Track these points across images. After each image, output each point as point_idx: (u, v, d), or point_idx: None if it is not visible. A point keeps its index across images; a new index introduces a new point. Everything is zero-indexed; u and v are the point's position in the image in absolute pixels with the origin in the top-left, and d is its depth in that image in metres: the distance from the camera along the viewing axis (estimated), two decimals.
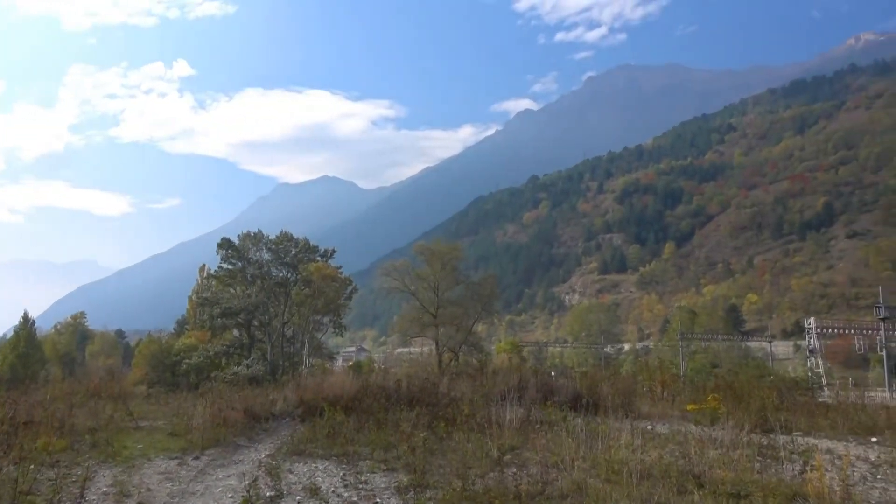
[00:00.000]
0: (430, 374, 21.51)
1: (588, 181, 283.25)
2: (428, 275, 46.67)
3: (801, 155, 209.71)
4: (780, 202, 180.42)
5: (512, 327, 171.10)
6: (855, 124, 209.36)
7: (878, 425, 14.24)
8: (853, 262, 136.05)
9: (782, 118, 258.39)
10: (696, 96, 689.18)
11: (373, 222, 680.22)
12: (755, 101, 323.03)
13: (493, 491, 7.76)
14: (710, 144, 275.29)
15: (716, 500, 7.28)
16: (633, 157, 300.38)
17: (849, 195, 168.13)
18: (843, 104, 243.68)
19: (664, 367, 28.70)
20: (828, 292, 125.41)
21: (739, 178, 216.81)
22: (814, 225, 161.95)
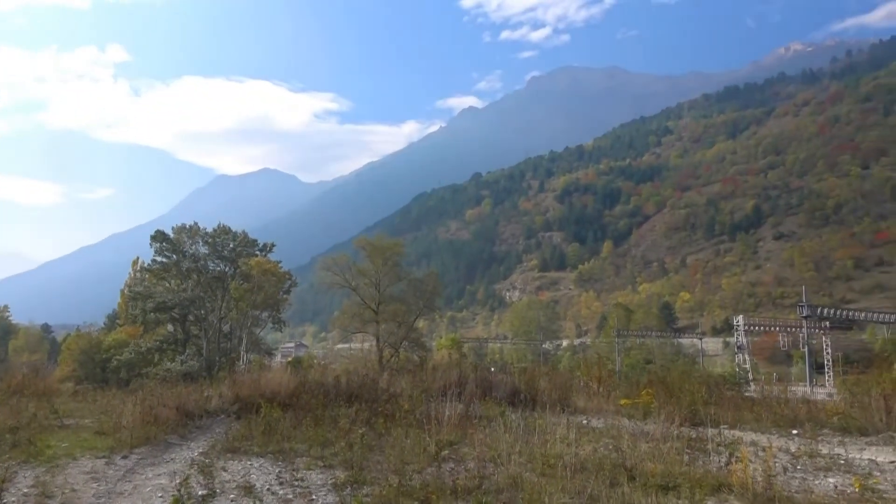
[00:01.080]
0: (370, 371, 21.40)
1: (530, 180, 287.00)
2: (369, 270, 46.42)
3: (732, 158, 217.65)
4: (712, 204, 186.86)
5: (453, 324, 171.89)
6: (783, 130, 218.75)
7: (798, 418, 14.89)
8: (779, 263, 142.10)
9: (716, 123, 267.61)
10: (635, 99, 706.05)
11: (314, 216, 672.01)
12: (691, 105, 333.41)
13: (431, 486, 7.79)
14: (647, 146, 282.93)
15: (645, 491, 7.48)
16: (574, 157, 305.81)
17: (776, 198, 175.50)
18: (772, 111, 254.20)
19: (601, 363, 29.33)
20: (755, 291, 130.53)
21: (675, 179, 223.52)
22: (743, 226, 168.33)
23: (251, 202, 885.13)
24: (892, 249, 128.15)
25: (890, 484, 8.68)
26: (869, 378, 15.75)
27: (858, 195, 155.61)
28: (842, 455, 10.96)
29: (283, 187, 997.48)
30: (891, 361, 24.13)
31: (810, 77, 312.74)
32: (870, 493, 7.92)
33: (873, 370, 16.36)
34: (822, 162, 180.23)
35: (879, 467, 10.10)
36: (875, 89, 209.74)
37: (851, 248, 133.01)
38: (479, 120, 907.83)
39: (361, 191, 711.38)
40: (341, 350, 73.91)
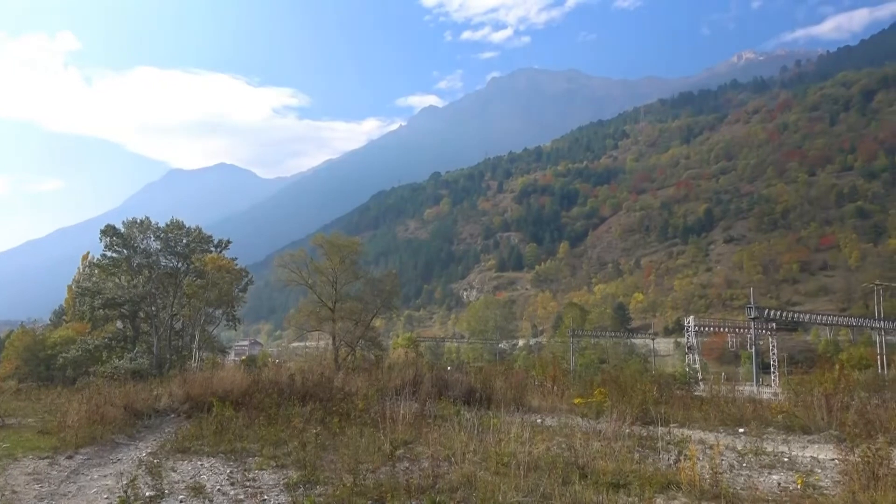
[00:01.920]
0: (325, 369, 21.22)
1: (489, 180, 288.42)
2: (327, 268, 45.97)
3: (686, 163, 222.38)
4: (666, 207, 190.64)
5: (410, 323, 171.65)
6: (734, 137, 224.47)
7: (745, 417, 15.33)
8: (729, 266, 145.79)
9: (671, 128, 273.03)
10: (593, 102, 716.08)
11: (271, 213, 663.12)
12: (647, 110, 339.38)
13: (385, 485, 7.77)
14: (604, 149, 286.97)
15: (597, 489, 7.59)
16: (533, 158, 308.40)
17: (727, 203, 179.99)
18: (724, 117, 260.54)
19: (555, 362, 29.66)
20: (706, 293, 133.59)
21: (630, 182, 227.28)
22: (695, 229, 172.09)
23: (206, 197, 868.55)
24: (836, 254, 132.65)
25: (830, 480, 8.99)
26: (812, 378, 16.31)
27: (805, 201, 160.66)
28: (785, 453, 11.31)
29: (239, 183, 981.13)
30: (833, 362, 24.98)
31: (761, 85, 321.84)
32: (811, 490, 8.18)
33: (816, 370, 16.92)
34: (771, 168, 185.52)
35: (821, 464, 10.46)
36: (822, 99, 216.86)
37: (797, 252, 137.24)
38: (439, 119, 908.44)
39: (320, 188, 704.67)
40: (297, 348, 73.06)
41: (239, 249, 51.69)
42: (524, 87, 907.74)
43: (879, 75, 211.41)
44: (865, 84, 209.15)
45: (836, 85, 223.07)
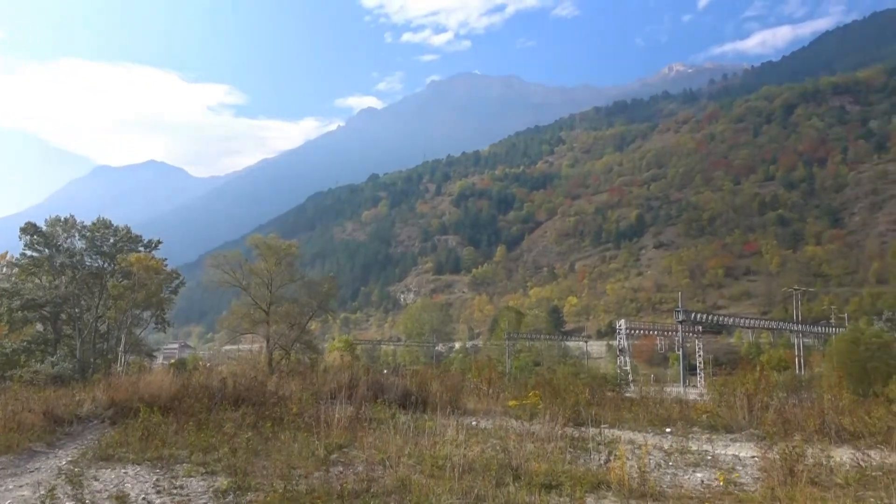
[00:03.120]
0: (258, 373, 20.79)
1: (427, 183, 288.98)
2: (262, 270, 45.06)
3: (619, 170, 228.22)
4: (599, 212, 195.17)
5: (347, 325, 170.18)
6: (665, 146, 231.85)
7: (672, 417, 15.82)
8: (659, 270, 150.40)
9: (605, 135, 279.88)
10: (531, 108, 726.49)
11: (204, 213, 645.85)
12: (582, 117, 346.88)
13: (317, 491, 7.66)
14: (541, 155, 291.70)
15: (529, 490, 7.69)
16: (471, 161, 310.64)
17: (657, 209, 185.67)
18: (655, 127, 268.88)
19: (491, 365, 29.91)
20: (637, 297, 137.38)
21: (566, 188, 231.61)
22: (627, 234, 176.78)
23: (135, 196, 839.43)
24: (758, 260, 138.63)
25: (750, 477, 9.36)
26: (734, 379, 16.95)
27: (730, 209, 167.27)
28: (709, 451, 11.73)
29: (170, 181, 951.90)
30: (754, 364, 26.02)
31: (690, 97, 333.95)
32: (733, 486, 8.51)
33: (738, 372, 17.62)
34: (698, 177, 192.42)
35: (742, 462, 10.88)
36: (746, 111, 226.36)
37: (723, 257, 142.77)
38: (378, 120, 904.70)
39: (255, 188, 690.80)
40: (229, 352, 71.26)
41: (169, 250, 50.17)
42: (463, 92, 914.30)
43: (800, 90, 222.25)
44: (787, 98, 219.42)
45: (759, 98, 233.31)
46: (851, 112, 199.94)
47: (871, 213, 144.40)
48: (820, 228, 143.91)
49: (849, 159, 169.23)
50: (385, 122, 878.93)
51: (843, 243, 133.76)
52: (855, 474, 8.85)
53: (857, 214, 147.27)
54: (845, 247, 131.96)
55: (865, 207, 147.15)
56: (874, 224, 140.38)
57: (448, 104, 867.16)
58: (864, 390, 18.20)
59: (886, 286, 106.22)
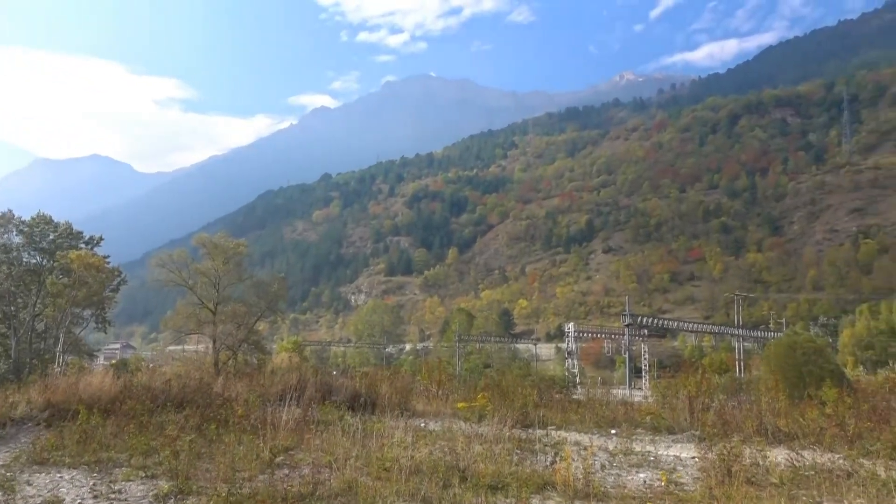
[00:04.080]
0: (204, 374, 20.34)
1: (380, 184, 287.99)
2: (209, 269, 44.08)
3: (570, 175, 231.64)
4: (550, 217, 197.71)
5: (296, 326, 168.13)
6: (615, 152, 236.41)
7: (617, 419, 16.12)
8: (607, 274, 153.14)
9: (557, 141, 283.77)
10: (484, 112, 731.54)
11: (149, 209, 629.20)
12: (535, 122, 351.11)
13: (261, 494, 7.54)
14: (494, 158, 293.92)
15: (476, 491, 7.74)
16: (424, 163, 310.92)
17: (607, 214, 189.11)
18: (606, 134, 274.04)
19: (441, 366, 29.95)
20: (586, 300, 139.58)
21: (518, 192, 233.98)
22: (577, 239, 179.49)
23: (77, 190, 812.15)
24: (702, 265, 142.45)
25: (690, 477, 9.61)
26: (677, 382, 17.36)
27: (676, 216, 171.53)
28: (652, 452, 11.99)
29: (115, 176, 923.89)
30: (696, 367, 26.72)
31: (640, 105, 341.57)
32: (673, 486, 8.73)
33: (681, 374, 18.06)
34: (647, 184, 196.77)
35: (683, 462, 11.16)
36: (693, 121, 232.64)
37: (668, 263, 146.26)
38: (331, 120, 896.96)
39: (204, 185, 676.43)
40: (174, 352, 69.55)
41: (112, 247, 48.78)
42: (418, 93, 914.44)
43: (743, 102, 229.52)
44: (731, 109, 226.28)
45: (705, 109, 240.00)
46: (792, 124, 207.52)
47: (809, 223, 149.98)
48: (761, 236, 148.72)
49: (789, 170, 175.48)
50: (339, 121, 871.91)
51: (783, 251, 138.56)
52: (789, 474, 9.17)
53: (796, 223, 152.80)
54: (784, 254, 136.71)
55: (803, 217, 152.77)
56: (811, 233, 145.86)
57: (403, 105, 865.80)
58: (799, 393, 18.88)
59: (822, 293, 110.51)
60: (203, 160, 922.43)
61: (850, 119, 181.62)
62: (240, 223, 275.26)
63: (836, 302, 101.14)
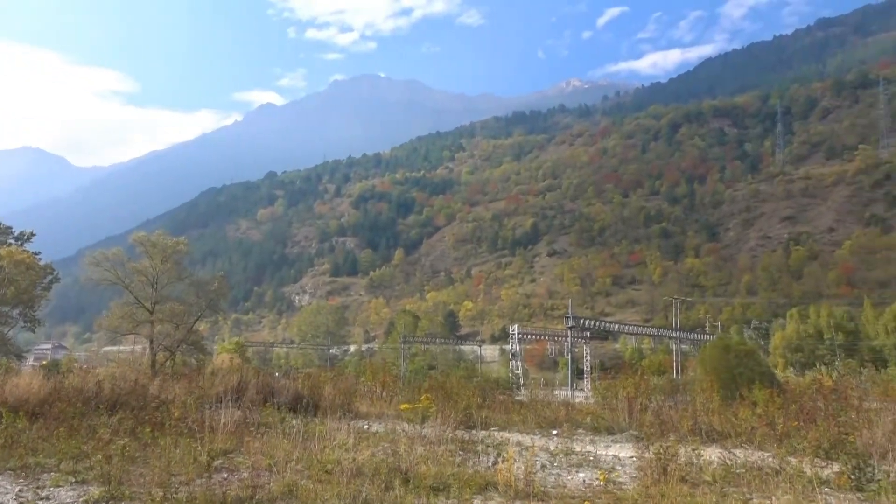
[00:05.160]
0: (139, 376, 19.74)
1: (326, 183, 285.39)
2: (146, 268, 42.78)
3: (516, 179, 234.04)
4: (496, 219, 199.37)
5: (238, 326, 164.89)
6: (560, 157, 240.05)
7: (559, 419, 16.38)
8: (551, 277, 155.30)
9: (504, 144, 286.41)
10: (432, 114, 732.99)
11: (85, 205, 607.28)
12: (483, 125, 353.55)
13: (198, 499, 7.36)
14: (441, 160, 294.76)
15: (417, 493, 7.74)
16: (372, 164, 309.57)
17: (552, 218, 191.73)
18: (552, 138, 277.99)
19: (385, 368, 29.86)
20: (530, 302, 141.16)
21: (465, 194, 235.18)
22: (523, 242, 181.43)
23: (8, 184, 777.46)
24: (643, 270, 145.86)
25: (628, 476, 9.83)
26: (617, 383, 17.75)
27: (619, 220, 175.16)
28: (592, 452, 12.22)
29: (48, 170, 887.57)
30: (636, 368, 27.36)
31: (585, 111, 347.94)
32: (612, 485, 8.91)
33: (621, 376, 18.48)
34: (591, 188, 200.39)
35: (621, 462, 11.41)
36: (636, 128, 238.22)
37: (611, 266, 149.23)
38: (278, 117, 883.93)
39: (143, 181, 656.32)
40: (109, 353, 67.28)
41: (44, 243, 46.95)
42: (366, 93, 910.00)
43: (684, 111, 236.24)
44: (672, 118, 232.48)
45: (648, 117, 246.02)
46: (729, 134, 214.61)
47: (744, 230, 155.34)
48: (699, 242, 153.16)
49: (726, 178, 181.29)
50: (285, 118, 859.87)
51: (719, 256, 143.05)
52: (721, 472, 9.47)
53: (732, 230, 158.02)
54: (720, 260, 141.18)
55: (739, 224, 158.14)
56: (746, 239, 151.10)
57: (350, 105, 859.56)
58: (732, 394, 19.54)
59: (755, 297, 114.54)
60: (143, 155, 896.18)
61: (783, 130, 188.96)
62: (181, 221, 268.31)
63: (769, 306, 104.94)
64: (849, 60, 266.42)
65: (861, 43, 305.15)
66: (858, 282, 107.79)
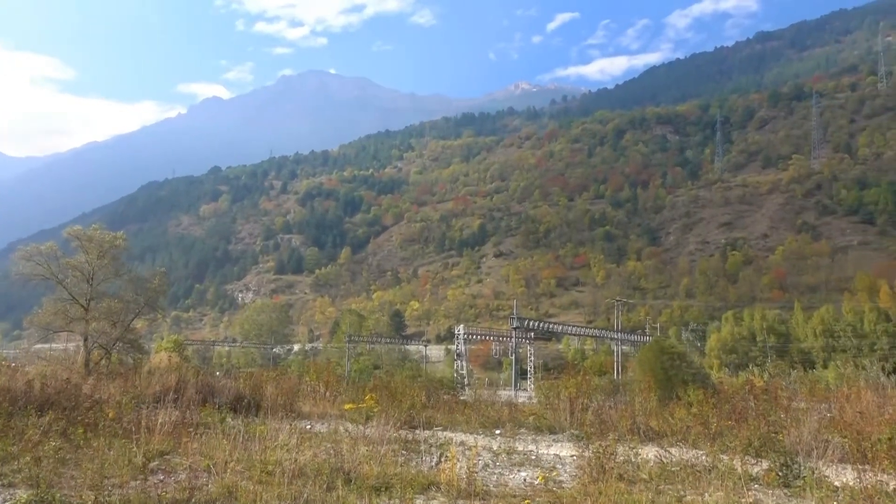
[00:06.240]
0: (72, 374, 19.06)
1: (272, 179, 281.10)
2: (82, 263, 41.28)
3: (465, 180, 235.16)
4: (444, 220, 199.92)
5: (178, 324, 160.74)
6: (508, 159, 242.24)
7: (502, 419, 16.56)
8: (497, 278, 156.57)
9: (453, 145, 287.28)
10: (382, 112, 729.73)
11: (16, 196, 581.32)
12: (432, 126, 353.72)
13: (133, 501, 7.18)
14: (390, 159, 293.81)
15: (360, 493, 7.73)
16: (319, 161, 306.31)
17: (499, 220, 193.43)
18: (500, 141, 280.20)
19: (329, 367, 29.61)
20: (476, 303, 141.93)
21: (413, 194, 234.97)
22: (470, 243, 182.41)
23: None
24: (587, 272, 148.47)
25: (568, 475, 10.02)
26: (559, 383, 18.03)
27: (564, 223, 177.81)
28: (534, 451, 12.40)
29: None
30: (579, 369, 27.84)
31: (533, 115, 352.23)
32: (552, 484, 9.07)
33: (564, 376, 18.79)
34: (537, 191, 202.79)
35: (562, 461, 11.61)
36: (582, 133, 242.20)
37: (556, 268, 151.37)
38: (223, 111, 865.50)
39: (81, 172, 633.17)
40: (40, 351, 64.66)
41: None
42: (315, 90, 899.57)
43: (628, 117, 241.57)
44: (617, 123, 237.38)
45: (594, 122, 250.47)
46: (671, 141, 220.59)
47: (684, 234, 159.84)
48: (640, 245, 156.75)
49: (667, 184, 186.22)
50: (231, 112, 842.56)
51: (660, 260, 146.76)
52: (657, 470, 9.75)
53: (672, 234, 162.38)
54: (661, 263, 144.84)
55: (679, 228, 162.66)
56: (685, 244, 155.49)
57: (299, 100, 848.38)
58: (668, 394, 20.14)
59: (693, 300, 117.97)
60: (81, 146, 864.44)
61: (722, 139, 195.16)
62: (119, 215, 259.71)
63: (706, 308, 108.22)
64: (785, 73, 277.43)
65: (797, 57, 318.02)
66: (790, 286, 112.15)
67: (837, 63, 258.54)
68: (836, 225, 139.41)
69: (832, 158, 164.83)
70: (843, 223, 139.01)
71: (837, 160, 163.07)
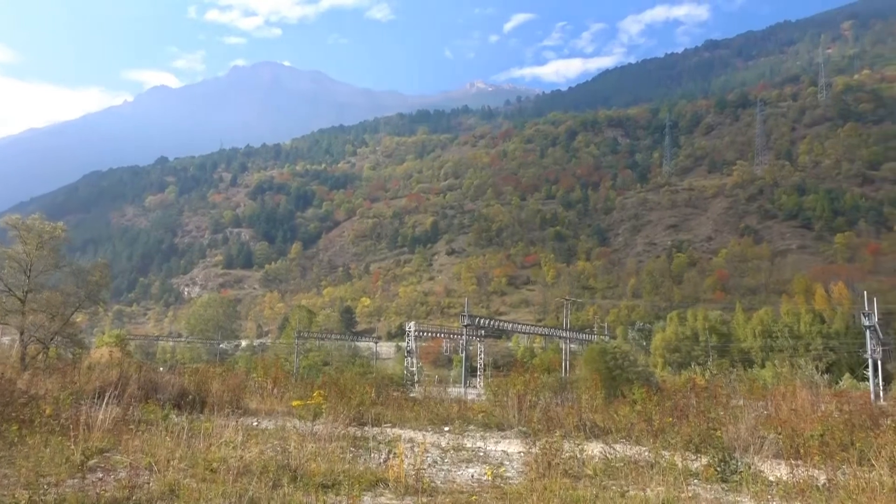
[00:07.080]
0: (7, 369, 18.35)
1: (222, 172, 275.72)
2: (19, 254, 39.75)
3: (418, 177, 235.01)
4: (397, 216, 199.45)
5: (121, 319, 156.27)
6: (462, 158, 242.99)
7: (451, 416, 16.64)
8: (449, 276, 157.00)
9: (407, 142, 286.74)
10: (336, 107, 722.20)
11: None
12: (387, 122, 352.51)
13: (69, 500, 6.96)
14: (343, 154, 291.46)
15: (307, 491, 7.66)
16: (271, 154, 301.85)
17: (451, 217, 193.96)
18: (455, 139, 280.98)
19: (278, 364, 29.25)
20: (427, 300, 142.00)
21: (366, 190, 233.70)
22: (422, 240, 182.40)
23: None
24: (537, 271, 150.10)
25: (515, 471, 10.15)
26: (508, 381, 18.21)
27: (516, 222, 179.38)
28: (482, 448, 12.51)
29: None
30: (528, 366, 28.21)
31: (488, 114, 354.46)
32: (499, 480, 9.16)
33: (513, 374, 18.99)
34: (490, 190, 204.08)
35: (509, 457, 11.74)
36: (535, 133, 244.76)
37: (507, 267, 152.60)
38: (172, 100, 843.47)
39: (19, 160, 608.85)
40: None
41: None
42: (268, 81, 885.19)
43: (581, 119, 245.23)
44: (570, 125, 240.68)
45: (547, 123, 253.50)
46: (622, 144, 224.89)
47: (632, 235, 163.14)
48: (590, 246, 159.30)
49: (617, 186, 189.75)
50: (180, 102, 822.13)
51: (608, 260, 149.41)
52: (602, 465, 9.96)
53: (621, 235, 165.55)
54: (609, 263, 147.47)
55: (627, 230, 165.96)
56: (634, 245, 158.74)
57: (251, 92, 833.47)
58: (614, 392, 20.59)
59: (640, 300, 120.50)
60: (20, 132, 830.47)
61: (670, 143, 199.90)
62: (59, 205, 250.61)
63: (652, 308, 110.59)
64: (731, 81, 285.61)
65: (743, 66, 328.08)
66: (731, 288, 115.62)
67: (781, 73, 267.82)
68: (776, 229, 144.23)
69: (774, 165, 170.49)
70: (783, 227, 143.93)
71: (779, 167, 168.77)
